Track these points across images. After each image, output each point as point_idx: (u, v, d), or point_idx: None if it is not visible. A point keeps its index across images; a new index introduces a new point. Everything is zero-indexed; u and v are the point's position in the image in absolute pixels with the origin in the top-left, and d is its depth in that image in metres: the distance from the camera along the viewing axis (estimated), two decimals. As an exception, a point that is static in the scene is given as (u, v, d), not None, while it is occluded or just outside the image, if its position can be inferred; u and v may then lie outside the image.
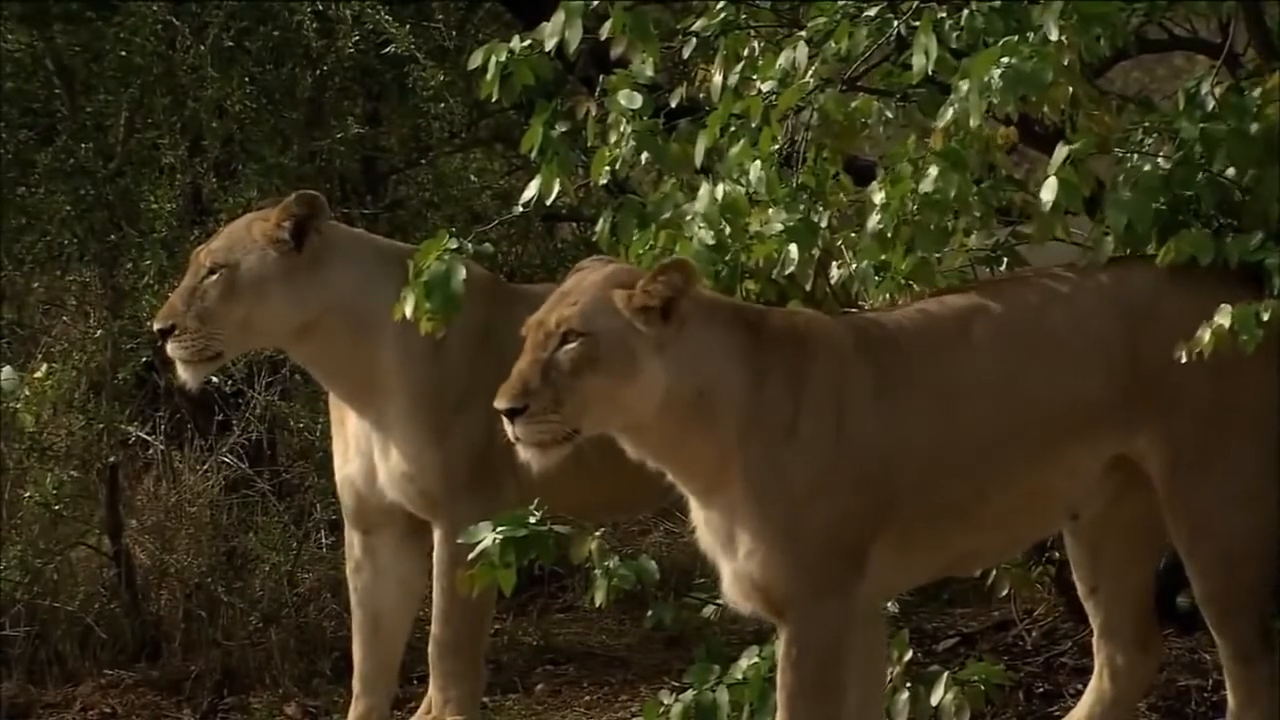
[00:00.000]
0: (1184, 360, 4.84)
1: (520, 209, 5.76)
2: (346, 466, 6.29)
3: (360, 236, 6.30)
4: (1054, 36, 4.97)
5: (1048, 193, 5.05)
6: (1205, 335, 4.82)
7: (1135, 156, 5.19)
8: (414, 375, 6.06)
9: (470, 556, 5.37)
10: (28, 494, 7.41)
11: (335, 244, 6.09)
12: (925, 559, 5.16)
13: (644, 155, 5.51)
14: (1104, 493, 5.21)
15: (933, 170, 5.12)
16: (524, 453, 5.01)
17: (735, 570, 5.09)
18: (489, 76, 5.61)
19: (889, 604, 5.52)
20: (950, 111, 5.03)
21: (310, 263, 6.04)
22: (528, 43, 5.59)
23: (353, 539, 6.32)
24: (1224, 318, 4.81)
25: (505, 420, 4.98)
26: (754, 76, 5.48)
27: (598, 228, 5.64)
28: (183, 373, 6.11)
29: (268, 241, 6.04)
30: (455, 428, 6.00)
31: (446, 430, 6.03)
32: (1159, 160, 5.16)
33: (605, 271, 5.11)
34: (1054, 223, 5.11)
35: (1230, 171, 5.16)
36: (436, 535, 6.13)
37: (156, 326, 6.08)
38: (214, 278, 6.03)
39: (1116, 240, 5.16)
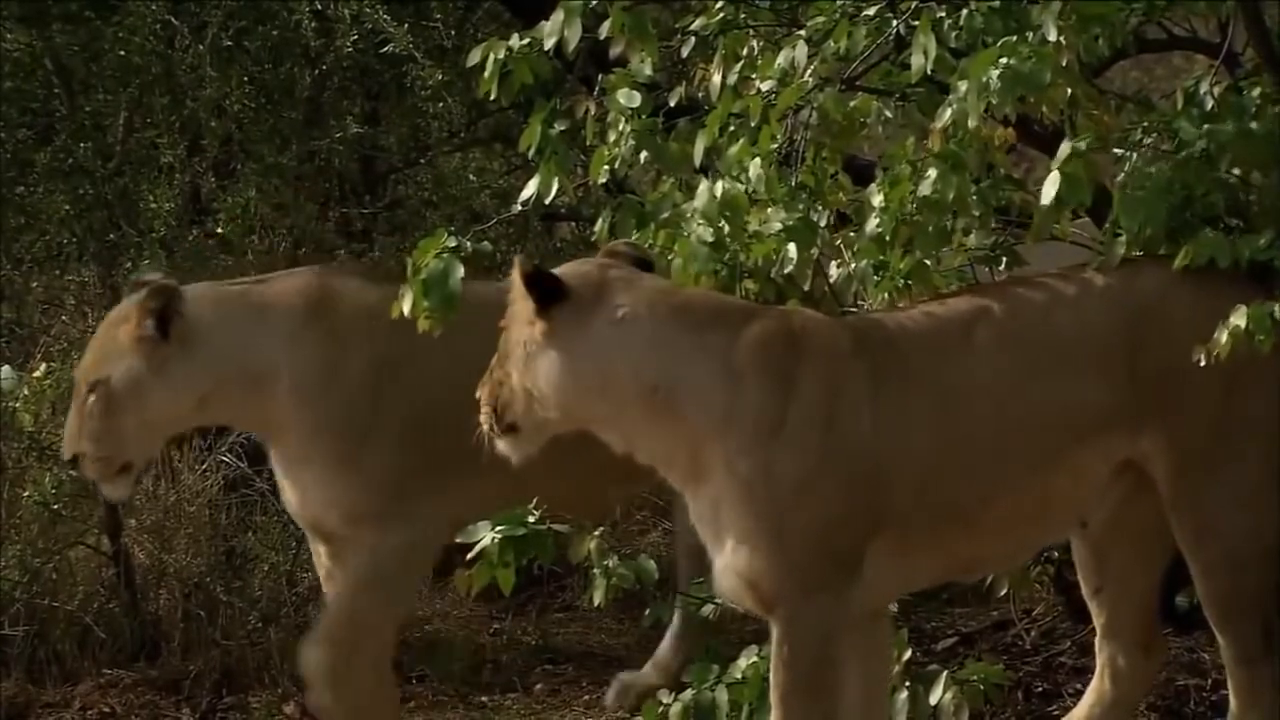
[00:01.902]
0: (1202, 363, 4.81)
1: (519, 208, 5.76)
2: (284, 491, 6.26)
3: (225, 296, 6.11)
4: (1053, 36, 4.97)
5: (1050, 187, 5.03)
6: (1222, 337, 4.79)
7: (1135, 156, 5.18)
8: (310, 414, 5.99)
9: (469, 556, 5.40)
10: (26, 493, 7.40)
11: (201, 317, 5.98)
12: (927, 562, 5.15)
13: (643, 154, 5.51)
14: (1112, 498, 5.20)
15: (931, 172, 5.12)
16: (500, 447, 5.16)
17: (724, 565, 5.10)
18: (487, 75, 5.61)
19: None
20: (949, 112, 5.03)
21: (181, 347, 5.94)
22: (526, 41, 5.59)
23: (317, 549, 6.29)
24: (1239, 319, 4.78)
25: None
26: (753, 76, 5.48)
27: (597, 227, 5.64)
28: (104, 491, 6.12)
29: (134, 344, 5.96)
30: (363, 459, 5.97)
31: (353, 462, 5.99)
32: (1162, 161, 5.15)
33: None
34: (1053, 218, 5.09)
35: (1234, 171, 5.15)
36: (350, 562, 6.09)
37: (64, 458, 6.06)
38: (93, 397, 5.98)
39: (1130, 241, 5.13)
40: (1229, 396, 5.05)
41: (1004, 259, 5.64)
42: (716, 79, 5.54)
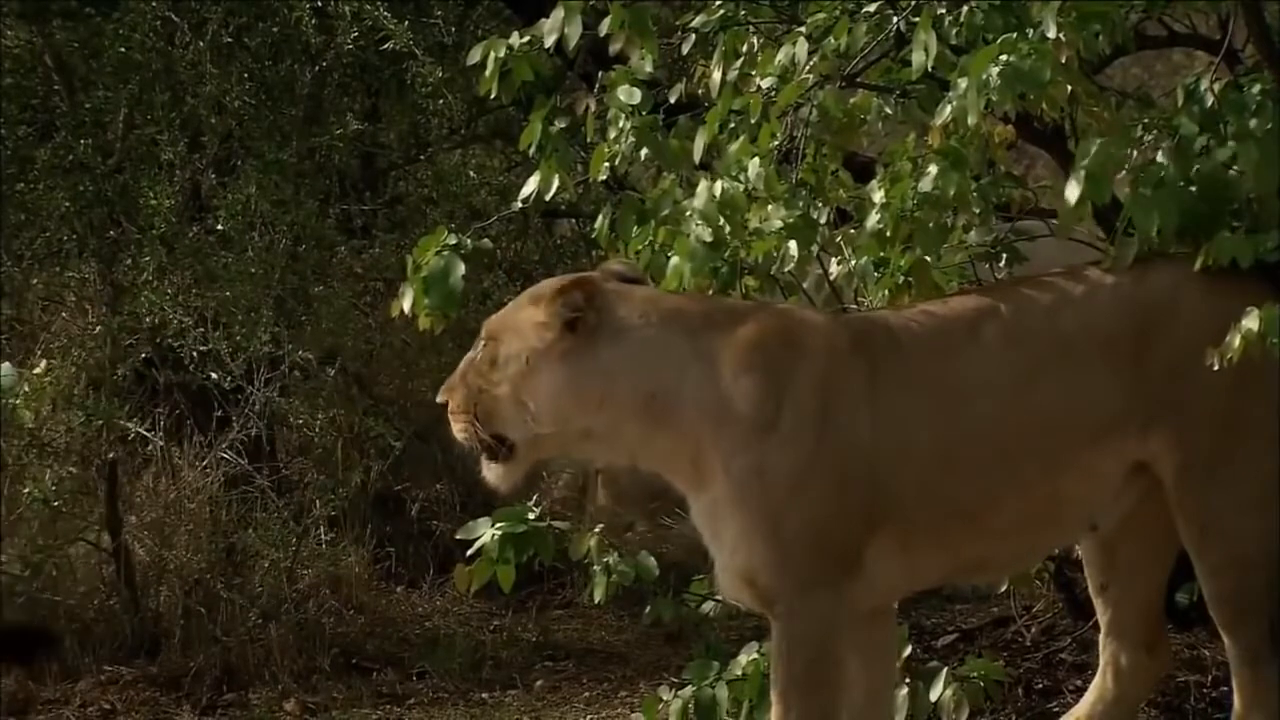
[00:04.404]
0: (1215, 367, 4.78)
1: (519, 205, 5.76)
2: None
3: None
4: (1053, 34, 4.96)
5: (1074, 187, 5.00)
6: (1234, 340, 4.75)
7: (1157, 154, 5.15)
8: None
9: (469, 553, 5.41)
10: (27, 490, 7.41)
11: None
12: (931, 561, 5.14)
13: (643, 151, 5.51)
14: (1124, 502, 5.19)
15: (931, 169, 5.12)
16: (485, 472, 5.13)
17: (724, 563, 5.10)
18: (488, 72, 5.61)
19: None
20: (949, 109, 5.02)
21: None
22: (527, 39, 5.59)
23: None
24: (1251, 321, 4.74)
25: None
26: (753, 73, 5.48)
27: (597, 224, 5.64)
28: None
29: None
30: None
31: None
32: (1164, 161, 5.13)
33: (541, 283, 5.19)
34: (1077, 216, 5.06)
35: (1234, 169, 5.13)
36: None
37: None
38: None
39: (1143, 239, 5.10)
40: (1236, 398, 5.03)
41: (1004, 255, 5.64)
42: (716, 76, 5.54)
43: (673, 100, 5.67)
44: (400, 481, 8.35)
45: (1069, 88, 5.02)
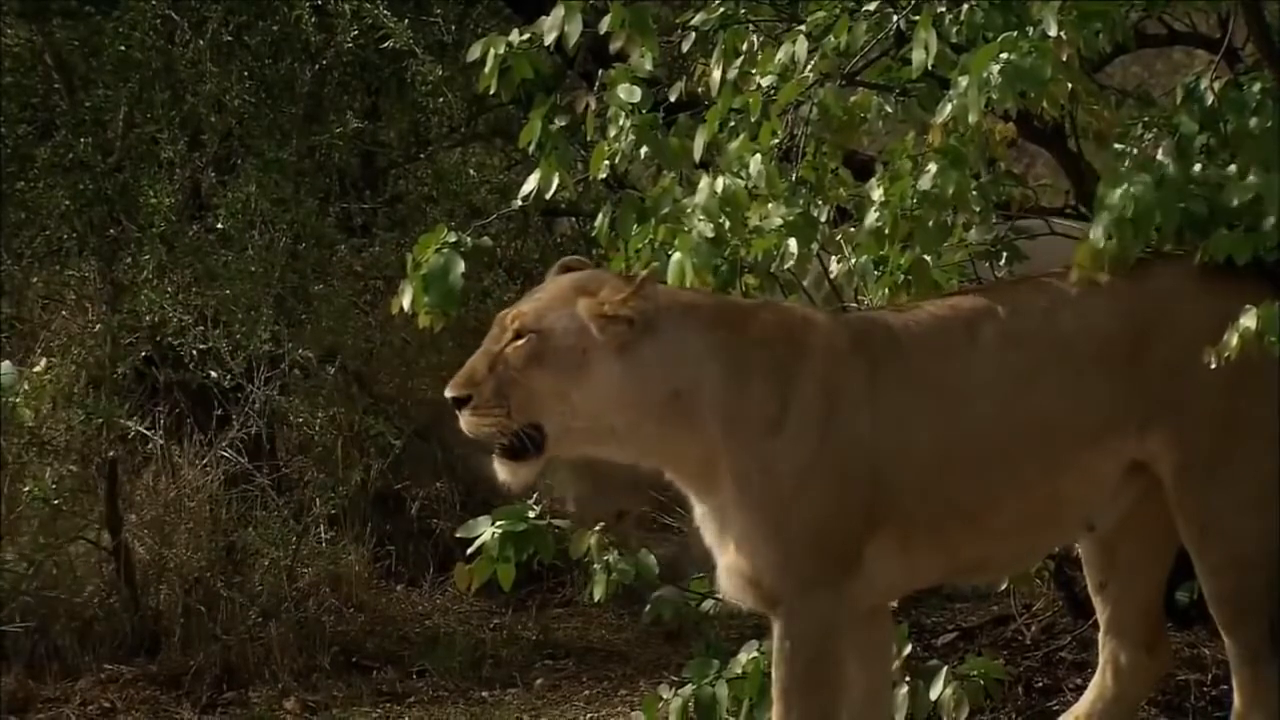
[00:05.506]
0: (1213, 366, 4.78)
1: (519, 204, 5.76)
2: None
3: None
4: (1053, 32, 4.97)
5: (1098, 232, 4.98)
6: (1232, 339, 4.76)
7: (1130, 152, 5.16)
8: None
9: (469, 551, 5.40)
10: (27, 489, 7.40)
11: None
12: (931, 560, 5.14)
13: (643, 150, 5.51)
14: (1122, 502, 5.19)
15: (931, 168, 5.12)
16: (499, 470, 5.04)
17: (728, 564, 5.10)
18: (487, 70, 5.61)
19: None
20: (949, 107, 5.02)
21: None
22: (527, 36, 5.59)
23: None
24: (1249, 320, 4.74)
25: (456, 410, 5.01)
26: (753, 71, 5.48)
27: (597, 222, 5.64)
28: None
29: None
30: None
31: None
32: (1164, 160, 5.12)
33: (577, 275, 5.13)
34: (1101, 262, 5.06)
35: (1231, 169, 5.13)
36: None
37: None
38: None
39: (1141, 241, 5.09)
40: (1235, 397, 5.03)
41: (1004, 254, 5.64)
42: (717, 74, 5.54)
43: (673, 99, 5.67)
44: (400, 480, 8.35)
45: (1069, 86, 5.03)
